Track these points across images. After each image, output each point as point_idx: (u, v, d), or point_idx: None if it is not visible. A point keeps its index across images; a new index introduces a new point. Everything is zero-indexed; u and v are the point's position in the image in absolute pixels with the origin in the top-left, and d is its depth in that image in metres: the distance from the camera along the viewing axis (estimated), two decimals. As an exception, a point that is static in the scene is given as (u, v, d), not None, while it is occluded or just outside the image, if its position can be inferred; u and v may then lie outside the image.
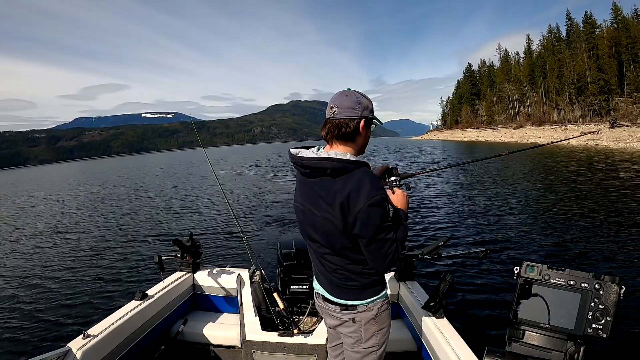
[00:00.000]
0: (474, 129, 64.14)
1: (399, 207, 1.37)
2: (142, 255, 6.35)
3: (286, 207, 9.77)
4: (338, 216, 1.17)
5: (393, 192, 1.42)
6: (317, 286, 1.45)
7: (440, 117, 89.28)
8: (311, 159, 1.21)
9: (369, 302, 1.32)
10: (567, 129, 43.84)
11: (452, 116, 79.56)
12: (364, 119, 1.22)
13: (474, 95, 72.32)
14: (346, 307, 1.33)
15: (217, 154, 74.05)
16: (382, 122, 1.34)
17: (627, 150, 23.61)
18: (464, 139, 56.21)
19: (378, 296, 1.34)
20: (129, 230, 8.54)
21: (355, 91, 1.24)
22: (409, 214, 1.42)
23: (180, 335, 2.20)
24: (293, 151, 1.29)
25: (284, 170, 22.66)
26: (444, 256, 2.05)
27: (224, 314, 2.46)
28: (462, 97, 75.60)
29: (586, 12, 52.69)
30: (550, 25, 59.01)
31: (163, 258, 2.30)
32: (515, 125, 57.16)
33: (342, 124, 1.21)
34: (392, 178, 1.53)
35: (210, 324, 2.31)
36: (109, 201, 14.42)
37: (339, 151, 1.22)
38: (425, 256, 2.03)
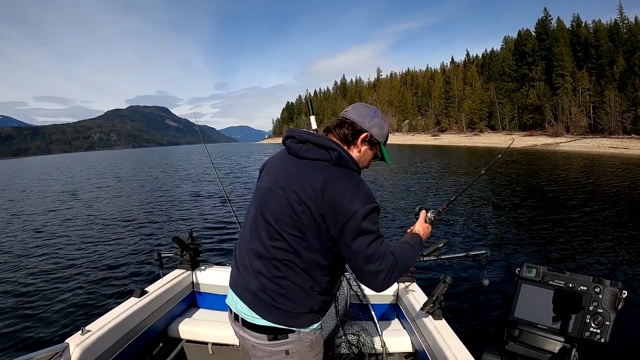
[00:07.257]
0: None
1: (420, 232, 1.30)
2: (141, 252, 6.32)
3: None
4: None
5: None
6: (236, 304, 1.20)
7: (272, 129, 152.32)
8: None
9: (304, 330, 1.09)
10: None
11: (279, 129, 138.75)
12: (368, 134, 1.14)
13: (290, 119, 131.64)
14: (275, 336, 1.07)
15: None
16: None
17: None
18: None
19: (315, 326, 1.13)
20: (129, 227, 8.51)
21: (380, 113, 1.20)
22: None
23: (179, 333, 2.20)
24: None
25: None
26: (443, 258, 2.06)
27: (224, 312, 2.26)
28: (284, 119, 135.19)
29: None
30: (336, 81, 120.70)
31: (163, 255, 2.32)
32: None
33: (345, 122, 1.15)
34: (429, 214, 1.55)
35: (209, 322, 2.30)
36: (110, 198, 14.29)
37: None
38: (425, 257, 2.03)
